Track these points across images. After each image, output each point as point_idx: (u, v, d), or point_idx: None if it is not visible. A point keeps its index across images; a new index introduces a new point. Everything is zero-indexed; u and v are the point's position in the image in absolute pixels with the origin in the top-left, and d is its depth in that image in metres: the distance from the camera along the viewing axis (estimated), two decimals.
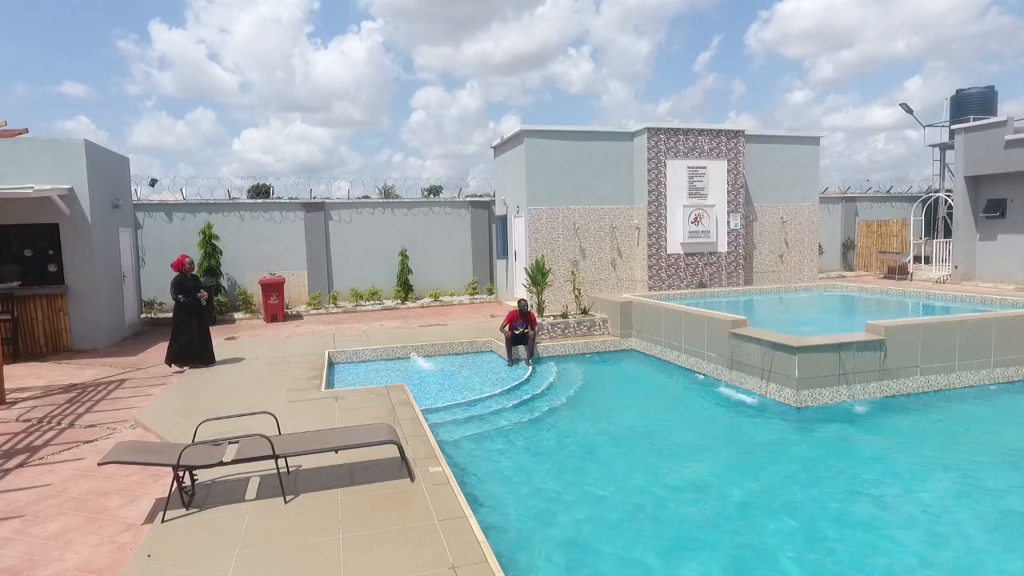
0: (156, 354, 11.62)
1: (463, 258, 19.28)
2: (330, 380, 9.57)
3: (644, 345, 11.34)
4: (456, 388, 9.26)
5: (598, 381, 9.96)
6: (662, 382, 9.86)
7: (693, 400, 8.71)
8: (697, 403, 8.54)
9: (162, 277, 16.31)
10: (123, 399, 8.41)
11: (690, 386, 9.30)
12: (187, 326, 9.83)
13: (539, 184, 15.46)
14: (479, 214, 19.37)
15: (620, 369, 10.82)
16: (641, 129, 15.68)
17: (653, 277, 15.80)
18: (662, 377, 10.07)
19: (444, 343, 11.60)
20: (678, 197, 15.83)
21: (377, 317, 16.05)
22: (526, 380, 9.59)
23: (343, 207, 18.18)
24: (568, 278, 14.42)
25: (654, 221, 15.71)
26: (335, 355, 11.06)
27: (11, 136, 8.00)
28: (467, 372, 10.30)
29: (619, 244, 16.18)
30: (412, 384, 9.43)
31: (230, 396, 8.11)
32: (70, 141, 11.87)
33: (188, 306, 9.78)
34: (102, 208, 12.66)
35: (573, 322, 11.89)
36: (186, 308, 9.78)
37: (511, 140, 16.50)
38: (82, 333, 12.06)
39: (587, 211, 15.85)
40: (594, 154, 15.82)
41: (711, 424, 7.68)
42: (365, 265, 18.19)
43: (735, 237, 16.41)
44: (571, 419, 7.87)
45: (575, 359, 11.19)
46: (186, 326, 9.83)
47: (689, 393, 9.05)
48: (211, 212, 16.94)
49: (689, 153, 15.90)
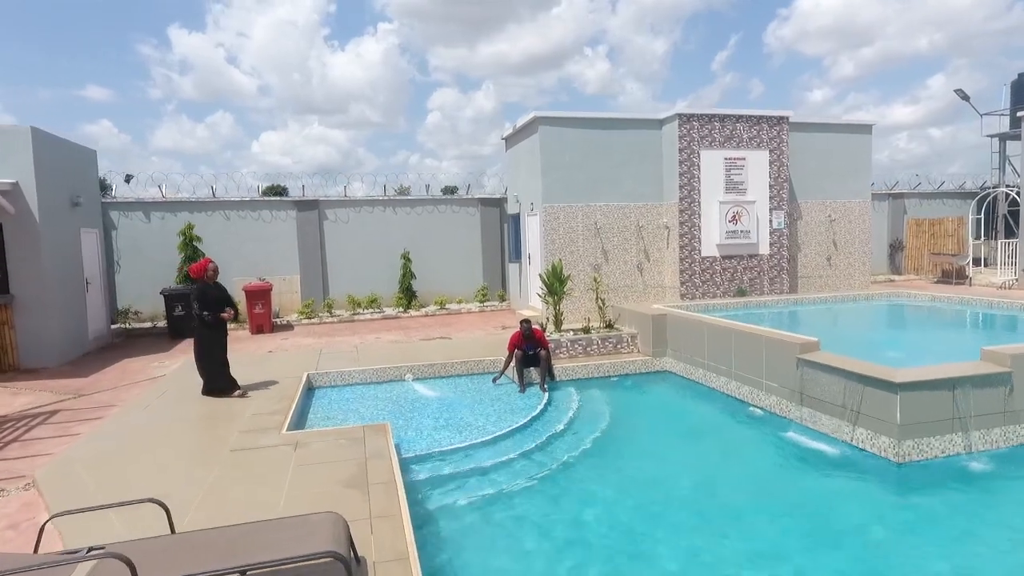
0: (113, 375, 10.03)
1: (472, 262, 17.54)
2: (303, 412, 7.88)
3: (681, 367, 9.51)
4: (454, 424, 7.51)
5: (628, 415, 8.17)
6: (708, 417, 8.04)
7: (752, 447, 6.88)
8: (758, 452, 6.70)
9: (138, 282, 14.80)
10: (40, 440, 6.77)
11: (746, 425, 7.46)
12: (215, 348, 7.93)
13: (556, 178, 13.68)
14: (490, 213, 17.62)
15: (654, 398, 9.02)
16: (671, 115, 13.83)
17: (686, 283, 13.94)
18: (707, 410, 8.25)
19: (446, 362, 9.86)
20: (713, 192, 13.95)
21: (375, 328, 14.36)
22: (540, 413, 7.82)
23: (339, 205, 16.53)
24: (590, 285, 12.63)
25: (686, 220, 13.85)
26: (316, 378, 9.37)
27: None
28: (470, 400, 8.55)
29: (646, 246, 14.34)
30: (402, 418, 7.74)
31: (168, 439, 6.44)
32: (14, 129, 10.31)
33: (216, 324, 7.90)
34: (56, 206, 11.09)
35: (596, 338, 10.10)
36: (214, 326, 7.90)
37: (524, 129, 14.74)
38: (31, 349, 10.50)
39: (610, 208, 14.03)
40: (617, 144, 14.00)
41: (781, 486, 5.84)
42: (364, 269, 16.51)
43: (778, 237, 14.49)
44: (598, 479, 6.06)
45: (599, 383, 9.40)
46: (213, 349, 7.93)
47: (746, 436, 7.22)
48: (193, 211, 15.36)
49: (726, 142, 14.02)
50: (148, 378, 9.76)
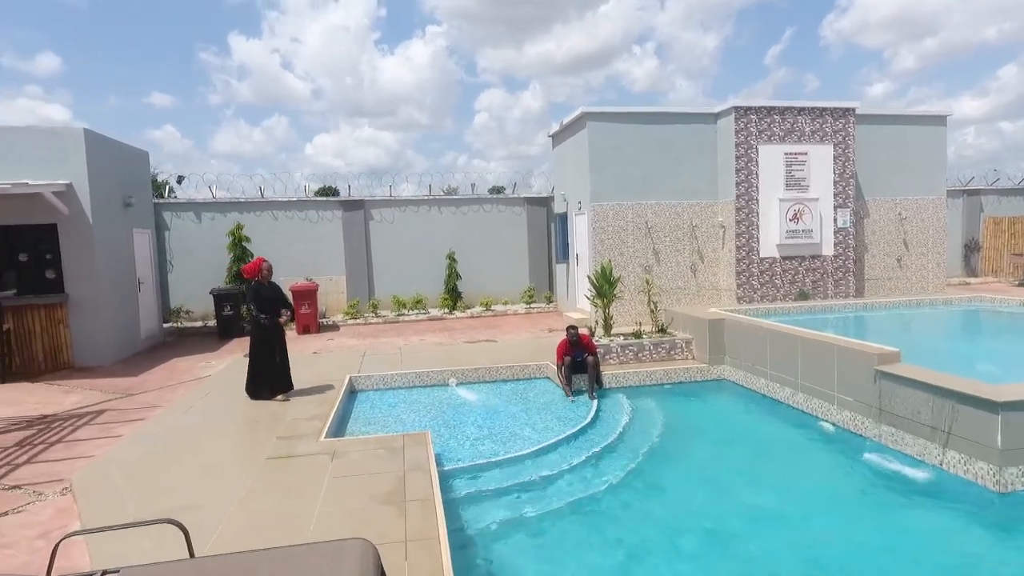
0: (160, 374, 10.08)
1: (518, 262, 17.17)
2: (343, 417, 7.66)
3: (741, 375, 8.90)
4: (498, 434, 7.14)
5: (684, 427, 7.64)
6: (773, 432, 7.43)
7: (825, 468, 6.27)
8: (832, 474, 6.09)
9: (190, 282, 15.01)
10: (83, 442, 6.73)
11: (816, 442, 6.84)
12: (269, 351, 7.72)
13: (604, 176, 13.17)
14: (536, 212, 17.22)
15: (711, 409, 8.45)
16: (727, 108, 13.14)
17: (743, 285, 13.22)
18: (771, 424, 7.64)
19: (490, 367, 9.52)
20: (773, 189, 13.19)
21: (419, 329, 14.15)
22: (590, 423, 7.37)
23: (385, 205, 16.41)
24: (641, 287, 12.08)
25: (744, 218, 13.14)
26: (358, 380, 9.17)
27: None
28: (515, 408, 8.18)
29: (700, 246, 13.68)
30: (443, 425, 7.43)
31: (206, 444, 6.29)
32: (68, 131, 10.49)
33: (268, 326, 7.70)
34: (108, 206, 11.26)
35: (648, 343, 9.58)
36: (267, 328, 7.70)
37: (571, 126, 14.28)
38: (85, 348, 10.66)
39: (662, 207, 13.43)
40: (670, 140, 13.39)
41: (861, 515, 5.23)
42: (409, 270, 16.35)
43: (844, 237, 13.61)
44: (653, 500, 5.59)
45: (652, 391, 8.88)
46: (267, 351, 7.71)
47: (816, 455, 6.61)
48: (242, 211, 15.49)
49: (786, 137, 13.23)
50: (194, 378, 9.75)
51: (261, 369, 7.75)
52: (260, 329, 7.71)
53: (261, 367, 7.75)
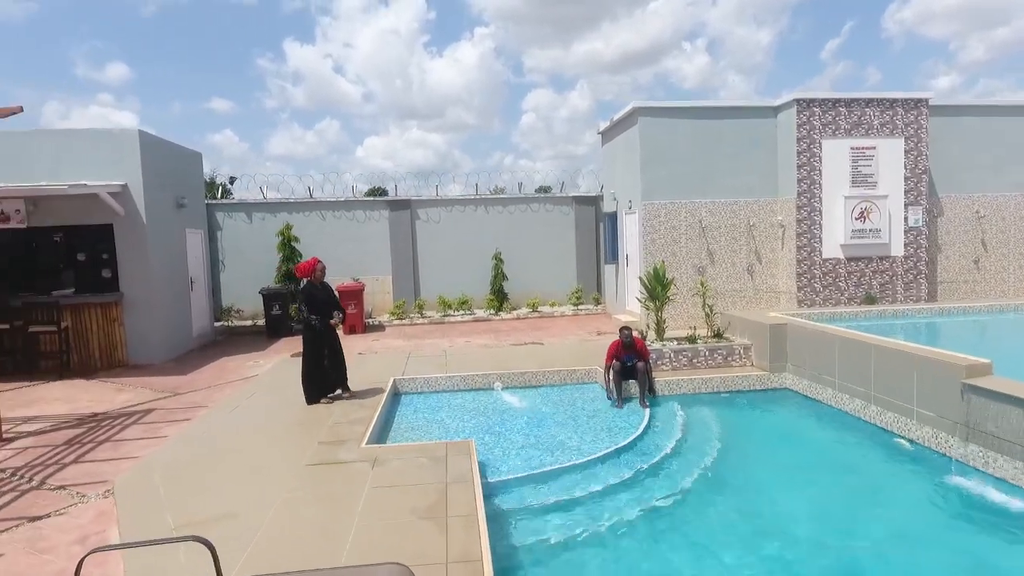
0: (209, 373, 10.16)
1: (566, 262, 16.79)
2: (386, 421, 7.48)
3: (805, 384, 8.32)
4: (545, 443, 6.82)
5: (744, 440, 7.16)
6: (842, 448, 6.87)
7: (904, 491, 5.70)
8: (912, 498, 5.52)
9: (241, 281, 15.21)
10: (128, 442, 6.73)
11: (892, 461, 6.27)
12: (319, 354, 7.56)
13: (656, 174, 12.68)
14: (585, 212, 16.81)
15: (773, 421, 7.92)
16: (788, 101, 12.46)
17: (804, 288, 12.51)
18: (840, 439, 7.07)
19: (537, 371, 9.21)
20: (838, 186, 12.44)
21: (464, 331, 13.95)
22: (642, 434, 6.97)
23: (431, 205, 16.30)
24: (695, 290, 11.55)
25: (805, 217, 12.43)
26: (402, 383, 9.00)
27: (4, 115, 6.57)
28: (562, 415, 7.84)
29: (758, 246, 13.02)
30: (488, 433, 7.16)
31: (247, 447, 6.18)
32: (123, 132, 10.69)
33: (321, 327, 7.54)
34: (162, 207, 11.44)
35: (704, 349, 9.08)
36: (319, 329, 7.53)
37: (621, 122, 13.82)
38: (138, 346, 10.85)
39: (717, 205, 12.85)
40: (726, 135, 12.79)
41: (948, 547, 4.69)
42: (455, 270, 16.18)
43: (915, 237, 12.72)
44: (711, 522, 5.16)
45: (708, 400, 8.41)
46: (317, 354, 7.55)
47: (893, 475, 6.04)
48: (292, 212, 15.63)
49: (853, 130, 12.45)
50: (241, 378, 9.77)
51: (311, 372, 7.61)
52: (310, 331, 7.56)
53: (311, 370, 7.61)
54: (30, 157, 10.44)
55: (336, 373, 7.79)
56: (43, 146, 10.54)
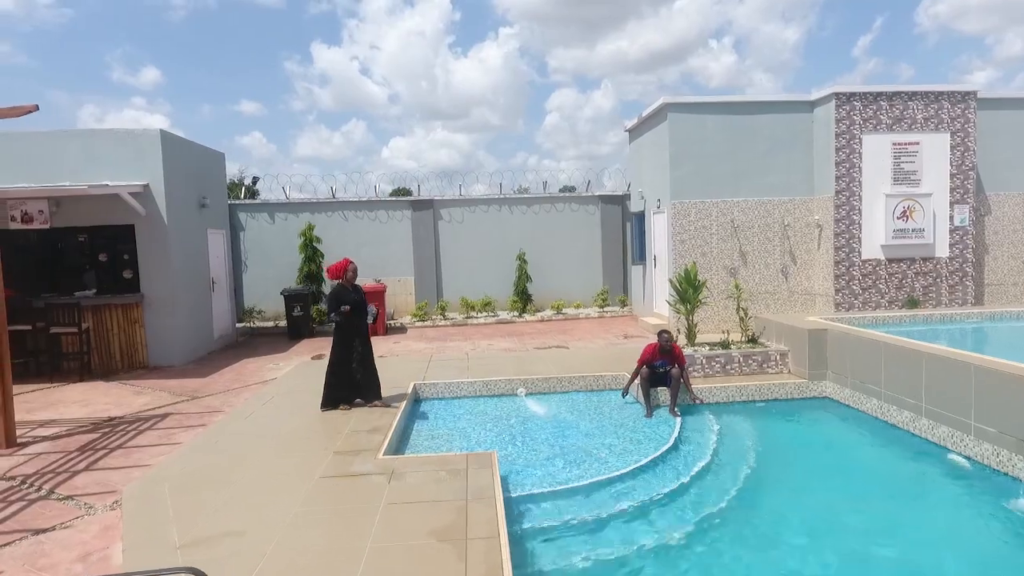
0: (229, 376, 10.01)
1: (591, 263, 16.41)
2: (405, 428, 7.20)
3: (847, 394, 7.84)
4: (570, 454, 6.48)
5: (783, 453, 6.74)
6: (891, 464, 6.40)
7: (962, 515, 5.22)
8: (973, 523, 5.04)
9: (263, 282, 15.13)
10: (142, 449, 6.56)
11: (948, 480, 5.79)
12: (347, 358, 7.25)
13: (686, 171, 12.24)
14: (611, 211, 16.40)
15: (814, 433, 7.47)
16: (826, 95, 11.91)
17: (841, 290, 11.96)
18: (887, 453, 6.60)
19: (561, 377, 8.87)
20: (878, 184, 11.86)
21: (487, 333, 13.66)
22: (673, 447, 6.58)
23: (454, 204, 16.04)
24: (727, 292, 11.10)
25: (844, 216, 11.88)
26: (423, 388, 8.74)
27: (19, 114, 6.44)
28: (588, 423, 7.49)
29: (792, 247, 12.50)
30: (511, 442, 6.85)
31: (260, 457, 5.95)
32: (145, 132, 10.60)
33: (349, 329, 7.26)
34: (184, 207, 11.35)
35: (738, 354, 8.65)
36: (347, 331, 7.26)
37: (650, 118, 13.39)
38: (159, 347, 10.76)
39: (750, 204, 12.36)
40: (759, 131, 12.29)
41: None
42: (478, 271, 15.91)
43: (961, 236, 12.08)
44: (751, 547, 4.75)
45: (742, 409, 7.98)
46: (346, 358, 7.25)
47: (950, 497, 5.56)
48: (314, 212, 15.50)
49: (895, 125, 11.86)
50: (260, 381, 9.60)
51: (331, 377, 7.33)
52: (339, 330, 7.29)
53: (331, 375, 7.32)
54: (54, 158, 10.42)
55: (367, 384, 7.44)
56: (67, 147, 10.51)
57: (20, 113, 6.47)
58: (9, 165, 10.29)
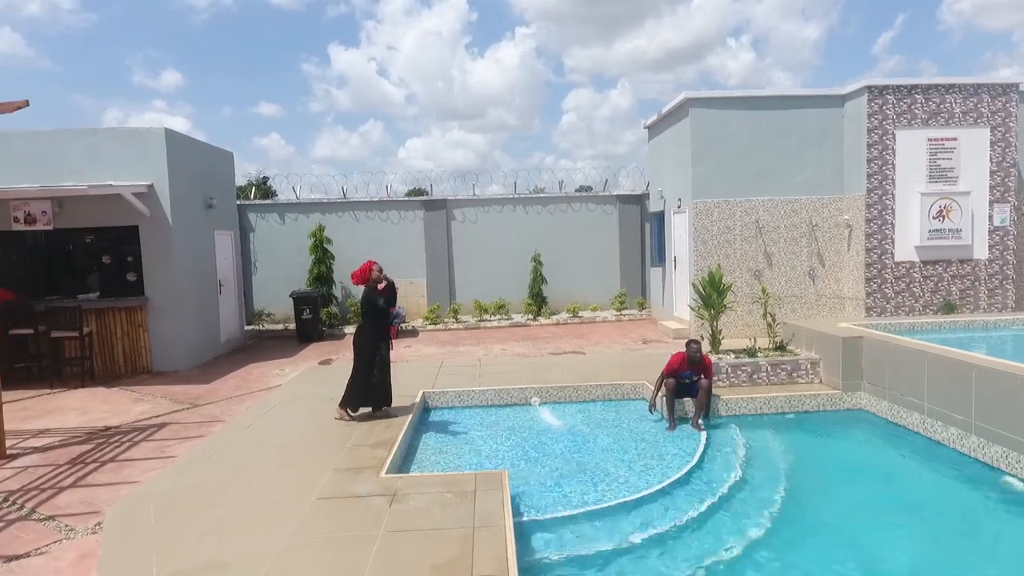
0: (233, 382, 9.69)
1: (609, 265, 15.92)
2: (411, 443, 6.79)
3: (885, 407, 7.30)
4: (588, 471, 6.03)
5: (818, 474, 6.23)
6: (937, 487, 5.87)
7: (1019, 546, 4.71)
8: None
9: (274, 284, 14.85)
10: (133, 463, 6.22)
11: (1004, 507, 5.26)
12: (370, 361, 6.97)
13: (708, 169, 11.72)
14: (629, 211, 15.90)
15: (850, 450, 6.94)
16: (858, 89, 11.34)
17: (873, 294, 11.37)
18: (933, 475, 6.06)
19: (578, 385, 8.42)
20: (913, 182, 11.26)
21: (501, 337, 13.24)
22: (697, 464, 6.11)
23: (467, 204, 15.64)
24: (753, 296, 10.58)
25: (876, 216, 11.29)
26: (432, 397, 8.35)
27: (10, 110, 6.14)
28: (607, 436, 7.03)
29: (821, 248, 11.93)
30: (523, 457, 6.44)
31: (255, 474, 5.56)
32: (149, 131, 10.32)
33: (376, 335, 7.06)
34: (189, 208, 11.06)
35: (765, 363, 8.13)
36: (375, 336, 7.04)
37: (671, 115, 12.89)
38: (163, 352, 10.47)
39: (776, 204, 11.82)
40: (787, 127, 11.75)
41: None
42: (491, 272, 15.49)
43: (1001, 237, 11.44)
44: None
45: (771, 422, 7.47)
46: (369, 361, 6.97)
47: (1007, 525, 5.03)
48: (325, 212, 15.19)
49: (931, 120, 11.25)
50: (264, 387, 9.28)
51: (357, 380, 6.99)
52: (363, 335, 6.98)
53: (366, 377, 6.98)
54: (57, 157, 10.18)
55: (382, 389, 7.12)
56: (70, 146, 10.26)
57: (11, 109, 6.17)
58: (11, 165, 10.06)
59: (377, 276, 7.02)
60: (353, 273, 7.15)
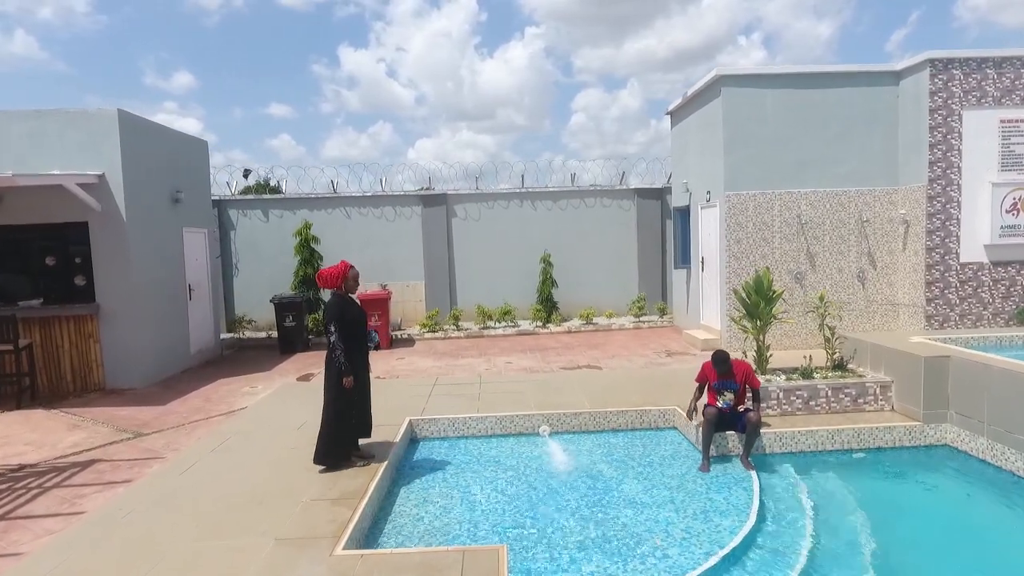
0: (192, 403, 8.35)
1: (626, 266, 14.47)
2: (386, 492, 5.38)
3: (980, 444, 5.83)
4: (612, 538, 4.60)
5: (918, 541, 4.76)
6: None
7: None
8: None
9: (257, 287, 13.52)
10: (27, 523, 4.86)
11: None
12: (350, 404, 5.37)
13: (743, 157, 10.25)
14: (649, 207, 14.45)
15: (945, 501, 5.47)
16: (918, 63, 9.83)
17: (935, 300, 9.85)
18: None
19: (595, 412, 7.01)
20: (982, 171, 9.74)
21: (506, 347, 11.83)
22: (756, 525, 4.66)
23: (469, 200, 14.25)
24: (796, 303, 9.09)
25: (938, 210, 9.77)
26: (420, 425, 6.95)
27: None
28: (633, 481, 5.62)
29: (871, 247, 10.43)
30: (529, 512, 5.07)
31: (171, 546, 4.17)
32: (99, 113, 9.00)
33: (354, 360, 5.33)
34: (151, 202, 9.74)
35: (824, 386, 6.66)
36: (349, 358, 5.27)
37: (698, 96, 11.42)
38: (117, 367, 9.16)
39: (819, 196, 10.33)
40: (831, 108, 10.26)
41: None
42: (496, 274, 14.09)
43: None
44: None
45: (836, 462, 6.03)
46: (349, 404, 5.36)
47: None
48: (312, 208, 13.85)
49: (1004, 98, 9.73)
50: (227, 410, 7.94)
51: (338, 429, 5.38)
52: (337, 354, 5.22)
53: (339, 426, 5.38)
54: None
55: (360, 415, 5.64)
56: (11, 130, 8.95)
57: None
58: None
59: (354, 282, 5.59)
60: (321, 273, 5.49)
